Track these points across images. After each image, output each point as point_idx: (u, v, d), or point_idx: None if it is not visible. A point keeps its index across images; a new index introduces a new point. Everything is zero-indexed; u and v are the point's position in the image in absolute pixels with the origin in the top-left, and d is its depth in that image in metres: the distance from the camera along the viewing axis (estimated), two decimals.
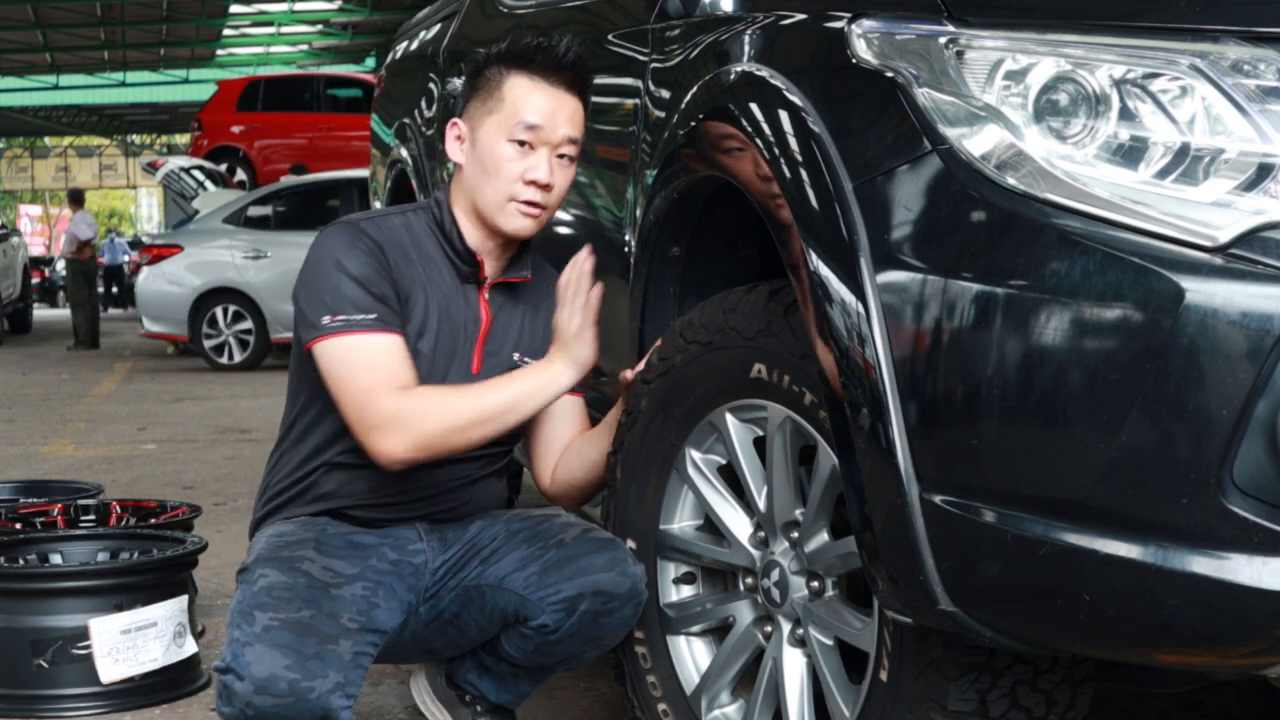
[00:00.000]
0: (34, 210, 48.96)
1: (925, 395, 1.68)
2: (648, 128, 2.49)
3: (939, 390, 1.67)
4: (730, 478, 2.23)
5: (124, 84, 31.29)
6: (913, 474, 1.70)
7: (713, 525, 2.25)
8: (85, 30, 24.66)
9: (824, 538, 2.04)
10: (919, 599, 1.72)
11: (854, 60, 1.83)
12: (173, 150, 41.73)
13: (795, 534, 2.09)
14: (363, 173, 11.28)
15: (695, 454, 2.24)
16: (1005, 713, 1.89)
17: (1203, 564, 1.51)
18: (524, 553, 2.35)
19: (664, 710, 2.31)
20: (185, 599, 3.09)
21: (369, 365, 2.24)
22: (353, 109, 17.69)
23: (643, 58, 2.57)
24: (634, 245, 2.50)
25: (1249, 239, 1.52)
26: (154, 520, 3.65)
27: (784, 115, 1.93)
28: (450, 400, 2.27)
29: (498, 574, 2.35)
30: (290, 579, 2.20)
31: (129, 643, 2.95)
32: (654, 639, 2.33)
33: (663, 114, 2.41)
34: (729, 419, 2.17)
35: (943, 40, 1.73)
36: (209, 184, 14.63)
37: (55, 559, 3.25)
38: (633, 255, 2.50)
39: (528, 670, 2.46)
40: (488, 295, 2.43)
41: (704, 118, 2.18)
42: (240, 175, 17.25)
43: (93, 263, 16.12)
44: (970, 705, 1.87)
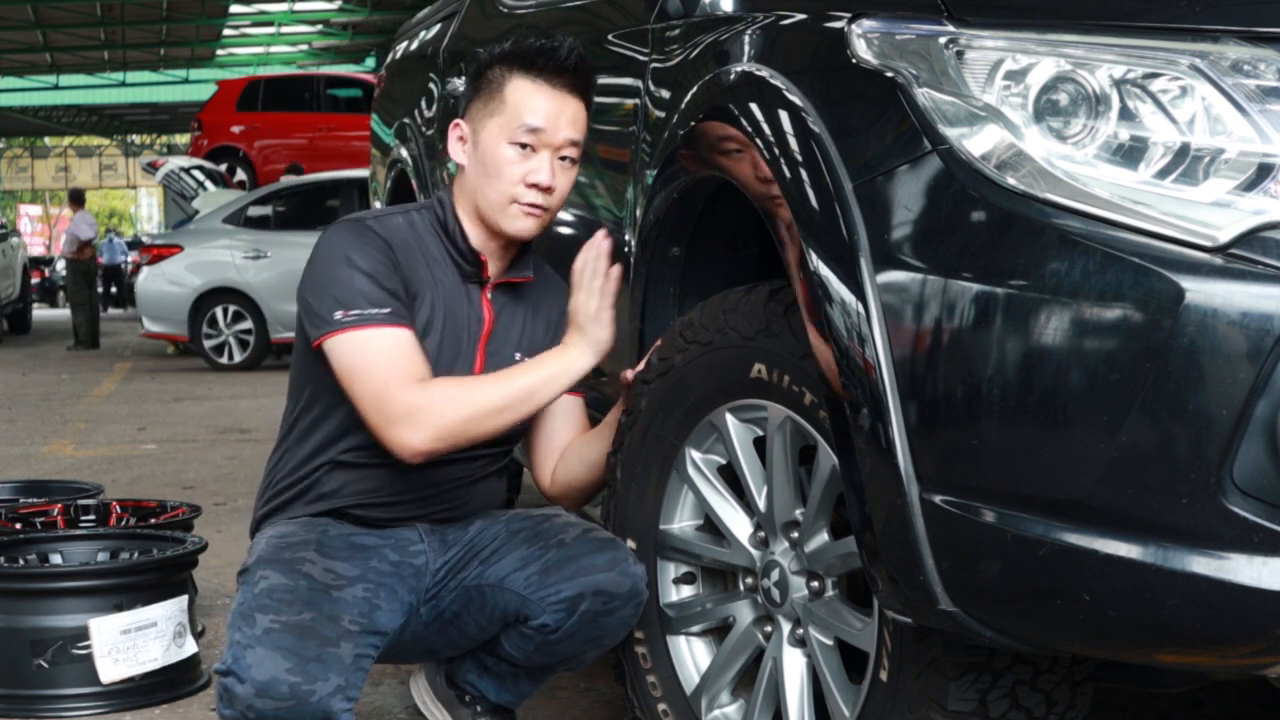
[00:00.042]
0: (34, 210, 48.96)
1: (925, 395, 1.68)
2: (648, 128, 2.49)
3: (939, 390, 1.67)
4: (730, 478, 2.23)
5: (124, 84, 31.28)
6: (913, 474, 1.70)
7: (713, 525, 2.25)
8: (85, 30, 24.66)
9: (824, 538, 2.04)
10: (919, 599, 1.72)
11: (854, 60, 1.83)
12: (173, 150, 41.72)
13: (795, 534, 2.09)
14: (363, 173, 11.27)
15: (695, 454, 2.24)
16: (1005, 713, 1.89)
17: (1203, 564, 1.51)
18: (524, 553, 2.35)
19: (664, 710, 2.31)
20: (185, 599, 3.09)
21: (386, 359, 2.23)
22: (353, 109, 17.69)
23: (643, 58, 2.57)
24: (634, 245, 2.50)
25: (1249, 239, 1.52)
26: (154, 520, 3.65)
27: (784, 115, 1.93)
28: (469, 390, 2.27)
29: (498, 574, 2.35)
30: (291, 581, 2.20)
31: (129, 643, 2.95)
32: (654, 639, 2.33)
33: (663, 114, 2.41)
34: (729, 419, 2.17)
35: (943, 40, 1.73)
36: (209, 184, 14.63)
37: (55, 559, 3.25)
38: (633, 255, 2.50)
39: (528, 670, 2.46)
40: (490, 295, 2.43)
41: (704, 118, 2.18)
42: (240, 175, 17.25)
43: (93, 263, 16.12)
44: (970, 705, 1.87)
